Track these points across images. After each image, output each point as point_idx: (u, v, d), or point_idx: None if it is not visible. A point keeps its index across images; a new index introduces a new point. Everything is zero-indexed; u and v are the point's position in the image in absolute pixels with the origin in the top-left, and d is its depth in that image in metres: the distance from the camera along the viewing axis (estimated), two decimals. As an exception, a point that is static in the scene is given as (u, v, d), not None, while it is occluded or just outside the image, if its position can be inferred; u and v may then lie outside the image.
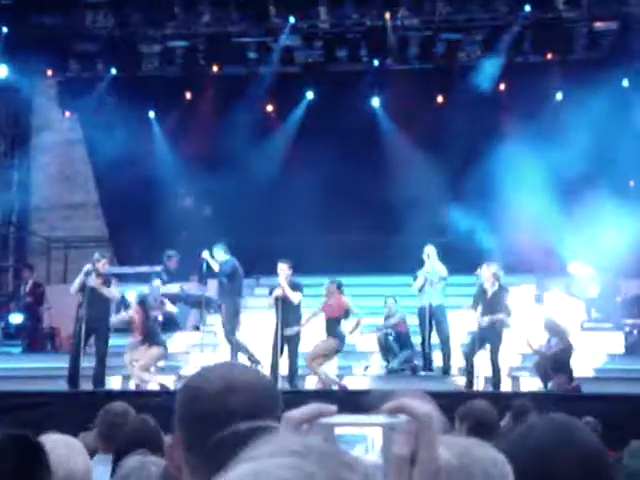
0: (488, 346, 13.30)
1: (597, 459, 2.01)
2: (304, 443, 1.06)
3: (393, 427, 1.19)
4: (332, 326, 13.70)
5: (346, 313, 13.83)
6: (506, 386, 13.51)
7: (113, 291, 13.96)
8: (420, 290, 14.28)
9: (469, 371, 13.39)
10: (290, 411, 1.22)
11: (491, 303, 13.42)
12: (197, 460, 1.96)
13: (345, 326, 13.96)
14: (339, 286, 13.96)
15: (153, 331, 14.18)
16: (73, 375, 13.54)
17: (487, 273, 13.64)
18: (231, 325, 14.36)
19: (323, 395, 12.26)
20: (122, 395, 11.90)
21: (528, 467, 1.97)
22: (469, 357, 13.43)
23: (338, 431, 1.20)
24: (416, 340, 14.55)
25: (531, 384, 13.73)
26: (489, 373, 13.35)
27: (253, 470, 1.01)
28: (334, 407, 1.21)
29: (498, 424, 6.70)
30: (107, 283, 13.91)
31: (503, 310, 13.41)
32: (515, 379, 13.98)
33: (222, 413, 1.94)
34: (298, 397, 12.26)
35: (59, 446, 3.28)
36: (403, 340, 14.69)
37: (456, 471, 1.56)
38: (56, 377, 14.53)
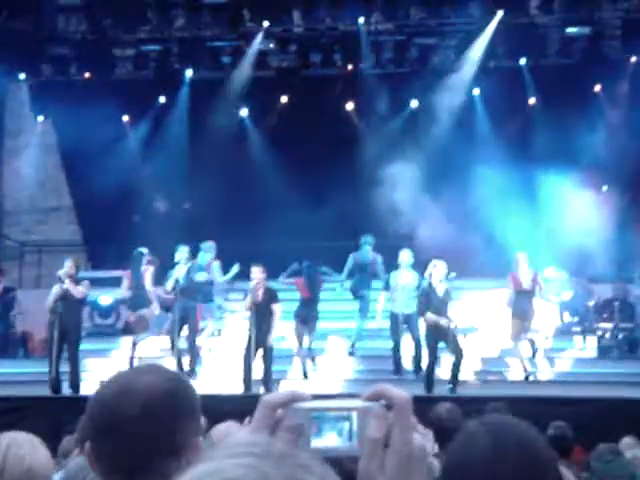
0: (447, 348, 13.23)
1: (537, 460, 2.04)
2: (262, 445, 1.07)
3: (368, 411, 1.21)
4: None
5: None
6: (479, 390, 13.50)
7: (79, 288, 13.86)
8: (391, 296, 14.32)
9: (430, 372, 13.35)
10: (267, 394, 1.23)
11: (443, 303, 13.29)
12: (101, 467, 1.96)
13: None
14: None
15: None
16: (54, 380, 13.42)
17: (441, 270, 13.47)
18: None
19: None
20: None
21: (473, 478, 2.01)
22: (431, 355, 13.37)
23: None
24: (388, 345, 14.54)
25: (505, 388, 13.77)
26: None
27: (209, 469, 1.03)
28: (309, 393, 1.22)
29: (458, 429, 6.71)
30: (76, 283, 13.83)
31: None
32: (487, 383, 14.00)
33: (113, 419, 1.93)
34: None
35: (19, 442, 3.27)
36: None
37: None
38: (28, 382, 14.45)
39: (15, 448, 3.21)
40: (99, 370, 14.54)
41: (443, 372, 13.59)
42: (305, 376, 14.62)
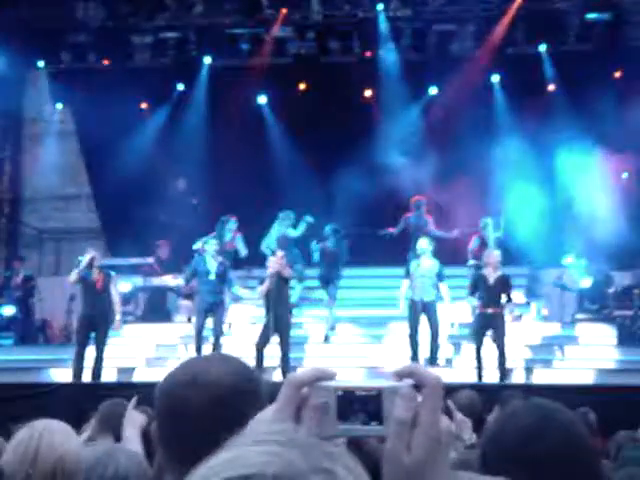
0: (492, 335, 13.18)
1: (579, 441, 2.06)
2: (286, 432, 1.06)
3: (396, 391, 1.20)
4: None
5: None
6: (499, 378, 13.46)
7: (114, 292, 13.95)
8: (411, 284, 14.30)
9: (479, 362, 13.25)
10: (293, 373, 1.22)
11: (494, 290, 13.25)
12: (166, 452, 1.97)
13: None
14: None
15: None
16: (78, 368, 13.46)
17: (492, 259, 13.49)
18: None
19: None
20: (116, 387, 11.89)
21: (511, 449, 2.03)
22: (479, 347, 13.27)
23: None
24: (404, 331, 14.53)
25: (523, 376, 13.75)
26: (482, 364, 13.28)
27: (232, 456, 1.02)
28: (335, 371, 1.22)
29: (481, 416, 6.71)
30: (107, 277, 13.83)
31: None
32: (509, 370, 13.95)
33: (182, 407, 1.94)
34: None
35: (52, 430, 3.29)
36: None
37: None
38: (48, 369, 14.53)
39: (48, 436, 3.25)
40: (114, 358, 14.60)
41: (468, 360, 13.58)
42: (326, 339, 15.49)
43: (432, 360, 13.89)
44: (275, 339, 13.48)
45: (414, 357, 13.98)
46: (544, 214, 16.27)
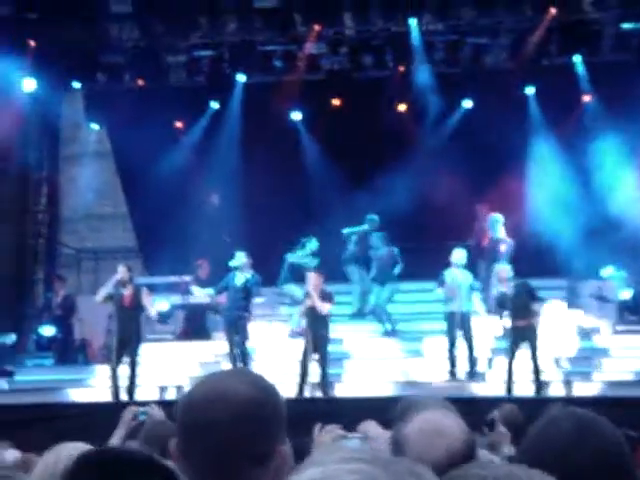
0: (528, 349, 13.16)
1: (618, 452, 2.04)
2: (371, 452, 1.06)
3: None
4: None
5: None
6: (535, 391, 13.38)
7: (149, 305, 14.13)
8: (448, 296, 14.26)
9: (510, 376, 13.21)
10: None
11: (520, 301, 13.23)
12: (187, 466, 1.97)
13: None
14: None
15: None
16: (115, 386, 13.59)
17: (504, 274, 13.54)
18: None
19: (355, 402, 12.22)
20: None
21: (549, 458, 2.01)
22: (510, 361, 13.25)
23: None
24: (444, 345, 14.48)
25: (565, 389, 13.64)
26: (525, 377, 13.23)
27: (319, 474, 1.02)
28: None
29: (523, 430, 6.64)
30: (138, 292, 14.00)
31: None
32: (546, 383, 13.86)
33: (202, 422, 1.95)
34: (330, 405, 12.28)
35: (76, 453, 3.31)
36: None
37: None
38: (88, 388, 14.61)
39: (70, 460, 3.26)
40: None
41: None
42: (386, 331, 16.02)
43: (470, 374, 13.84)
44: (314, 356, 13.49)
45: (452, 371, 13.97)
46: (582, 226, 16.17)
